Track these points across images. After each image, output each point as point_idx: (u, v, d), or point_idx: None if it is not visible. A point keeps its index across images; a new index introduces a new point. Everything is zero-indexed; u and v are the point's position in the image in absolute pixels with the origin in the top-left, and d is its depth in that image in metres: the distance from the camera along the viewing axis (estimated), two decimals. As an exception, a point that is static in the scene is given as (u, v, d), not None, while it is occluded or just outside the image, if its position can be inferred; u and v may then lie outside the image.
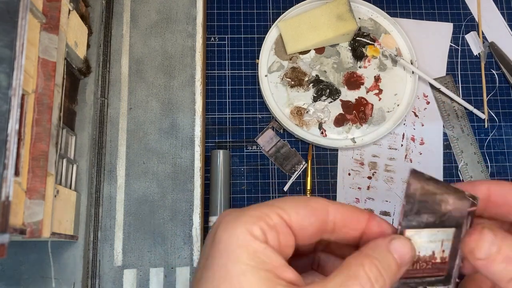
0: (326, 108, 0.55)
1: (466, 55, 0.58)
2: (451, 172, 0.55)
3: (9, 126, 0.30)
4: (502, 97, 0.57)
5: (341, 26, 0.55)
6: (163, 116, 0.51)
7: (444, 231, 0.33)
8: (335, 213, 0.30)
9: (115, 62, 0.53)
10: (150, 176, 0.50)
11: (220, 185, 0.52)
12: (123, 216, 0.49)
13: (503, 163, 0.55)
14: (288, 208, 0.29)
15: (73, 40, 0.45)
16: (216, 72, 0.57)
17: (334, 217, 0.30)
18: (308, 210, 0.29)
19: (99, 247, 0.48)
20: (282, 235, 0.28)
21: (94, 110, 0.49)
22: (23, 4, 0.33)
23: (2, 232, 0.29)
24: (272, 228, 0.28)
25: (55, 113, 0.39)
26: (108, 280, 0.47)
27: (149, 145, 0.51)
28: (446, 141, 0.56)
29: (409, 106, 0.55)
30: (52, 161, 0.38)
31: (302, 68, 0.56)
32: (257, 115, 0.56)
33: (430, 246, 0.33)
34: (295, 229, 0.29)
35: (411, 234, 0.33)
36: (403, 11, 0.60)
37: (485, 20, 0.59)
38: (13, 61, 0.31)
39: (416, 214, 0.33)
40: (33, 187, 0.35)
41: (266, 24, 0.58)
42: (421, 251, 0.33)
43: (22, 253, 0.44)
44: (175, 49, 0.53)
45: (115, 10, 0.54)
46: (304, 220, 0.29)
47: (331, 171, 0.54)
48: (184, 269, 0.47)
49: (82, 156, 0.47)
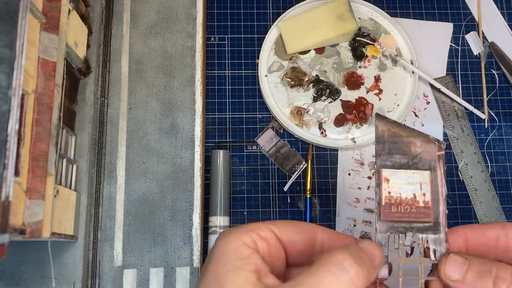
0: (326, 108, 0.55)
1: (466, 55, 0.58)
2: (451, 172, 0.55)
3: (9, 126, 0.30)
4: (502, 97, 0.57)
5: (341, 26, 0.55)
6: (163, 116, 0.51)
7: (420, 173, 0.36)
8: (323, 235, 0.32)
9: (115, 62, 0.53)
10: (150, 176, 0.50)
11: (220, 185, 0.52)
12: (123, 216, 0.49)
13: (503, 163, 0.55)
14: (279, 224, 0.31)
15: (73, 40, 0.45)
16: (216, 72, 0.57)
17: (322, 238, 0.32)
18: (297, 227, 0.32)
19: (99, 247, 0.48)
20: (273, 248, 0.30)
21: (94, 110, 0.49)
22: (23, 4, 0.33)
23: (2, 232, 0.29)
24: (263, 239, 0.30)
25: (55, 113, 0.39)
26: (108, 280, 0.47)
27: (149, 145, 0.51)
28: (446, 141, 0.56)
29: (409, 106, 0.55)
30: (52, 161, 0.38)
31: (302, 68, 0.56)
32: (257, 115, 0.56)
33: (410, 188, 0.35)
34: (285, 244, 0.31)
35: (388, 174, 0.35)
36: (403, 11, 0.60)
37: (485, 20, 0.59)
38: (13, 61, 0.31)
39: (389, 154, 0.36)
40: (33, 187, 0.35)
41: (266, 24, 0.58)
42: (402, 193, 0.35)
43: (22, 253, 0.44)
44: (175, 49, 0.53)
45: (115, 10, 0.54)
46: (293, 236, 0.31)
47: (331, 171, 0.54)
48: (184, 269, 0.47)
49: (82, 156, 0.47)
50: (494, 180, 0.54)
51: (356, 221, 0.52)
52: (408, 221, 0.35)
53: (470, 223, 0.53)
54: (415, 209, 0.35)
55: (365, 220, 0.52)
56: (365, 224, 0.52)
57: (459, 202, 0.54)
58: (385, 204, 0.35)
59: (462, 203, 0.54)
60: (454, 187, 0.54)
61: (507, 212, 0.53)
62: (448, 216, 0.53)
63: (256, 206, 0.53)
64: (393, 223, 0.35)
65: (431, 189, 0.36)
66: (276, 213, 0.53)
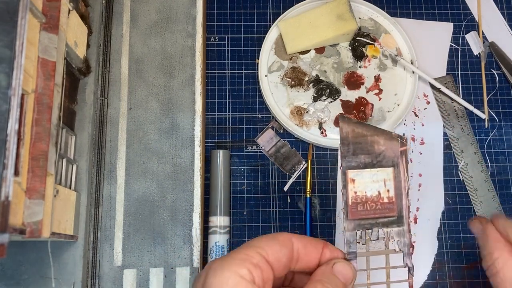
0: (326, 108, 0.55)
1: (466, 55, 0.58)
2: (451, 172, 0.55)
3: (9, 126, 0.30)
4: (502, 97, 0.57)
5: (341, 26, 0.55)
6: (163, 116, 0.51)
7: (384, 171, 0.38)
8: (298, 242, 0.34)
9: (115, 62, 0.52)
10: (150, 176, 0.50)
11: (220, 185, 0.52)
12: (123, 216, 0.49)
13: (503, 163, 0.55)
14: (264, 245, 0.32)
15: (73, 40, 0.44)
16: (216, 72, 0.57)
17: (297, 246, 0.34)
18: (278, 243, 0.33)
19: (99, 247, 0.48)
20: (264, 272, 0.31)
21: (94, 110, 0.49)
22: (23, 4, 0.33)
23: (2, 232, 0.29)
24: (256, 267, 0.31)
25: (55, 113, 0.39)
26: (108, 280, 0.47)
27: (149, 145, 0.51)
28: (446, 141, 0.55)
29: (409, 105, 0.55)
30: (52, 161, 0.38)
31: (302, 68, 0.56)
32: (257, 115, 0.56)
33: (374, 186, 0.37)
34: (272, 263, 0.32)
35: (353, 174, 0.37)
36: (403, 11, 0.60)
37: (485, 20, 0.59)
38: (13, 61, 0.31)
39: (354, 155, 0.37)
40: (32, 187, 0.35)
41: (266, 24, 0.58)
42: (367, 191, 0.37)
43: (22, 253, 0.44)
44: (175, 49, 0.53)
45: (115, 10, 0.54)
46: (278, 253, 0.32)
47: (331, 171, 0.54)
48: (184, 269, 0.47)
49: (82, 156, 0.47)
50: (494, 180, 0.54)
51: (356, 221, 0.52)
52: (374, 218, 0.37)
53: (470, 223, 0.53)
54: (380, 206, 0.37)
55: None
56: (365, 224, 0.52)
57: (459, 202, 0.54)
58: (351, 204, 0.37)
59: (462, 203, 0.54)
60: (454, 187, 0.54)
61: (507, 212, 0.53)
62: (448, 216, 0.53)
63: (256, 206, 0.53)
64: (359, 221, 0.37)
65: (395, 185, 0.38)
66: (276, 213, 0.53)
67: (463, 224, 0.53)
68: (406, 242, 0.37)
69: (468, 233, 0.53)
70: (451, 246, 0.52)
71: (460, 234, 0.53)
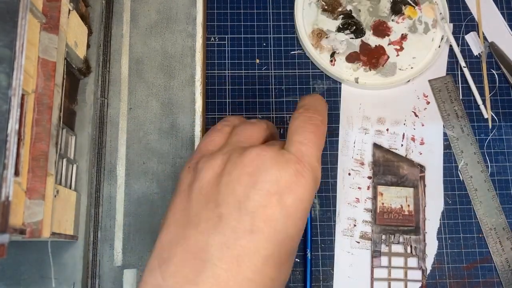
0: (346, 41, 0.57)
1: (466, 55, 0.58)
2: (451, 172, 0.55)
3: (9, 126, 0.30)
4: (502, 97, 0.57)
5: None
6: (163, 116, 0.52)
7: (406, 190, 0.50)
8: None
9: (115, 62, 0.53)
10: (150, 176, 0.50)
11: (220, 185, 0.52)
12: (123, 216, 0.49)
13: (503, 163, 0.55)
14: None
15: (73, 40, 0.45)
16: (216, 72, 0.57)
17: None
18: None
19: (99, 247, 0.48)
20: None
21: (94, 110, 0.49)
22: (23, 4, 0.33)
23: (2, 232, 0.29)
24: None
25: (55, 113, 0.39)
26: (108, 280, 0.47)
27: (149, 145, 0.51)
28: (446, 141, 0.56)
29: (421, 72, 0.56)
30: (52, 161, 0.38)
31: (340, -1, 0.59)
32: (257, 115, 0.56)
33: (398, 200, 0.49)
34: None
35: (382, 189, 0.50)
36: (403, 11, 0.60)
37: (485, 20, 0.59)
38: (13, 61, 0.31)
39: (383, 174, 0.50)
40: (33, 187, 0.35)
41: (266, 24, 0.58)
42: (392, 204, 0.49)
43: (22, 253, 0.44)
44: (175, 49, 0.53)
45: (115, 10, 0.54)
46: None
47: (331, 171, 0.54)
48: (184, 269, 0.47)
49: (82, 156, 0.47)
50: (494, 180, 0.54)
51: (356, 221, 0.52)
52: (396, 225, 0.49)
53: (470, 223, 0.53)
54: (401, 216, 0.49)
55: (365, 220, 0.52)
56: (365, 224, 0.52)
57: (459, 202, 0.54)
58: (379, 212, 0.49)
59: (462, 203, 0.54)
60: (454, 187, 0.54)
61: (507, 212, 0.53)
62: (448, 216, 0.53)
63: (256, 206, 0.53)
64: (385, 226, 0.49)
65: (414, 202, 0.50)
66: (276, 213, 0.53)
67: (463, 224, 0.53)
68: (421, 248, 0.49)
69: (468, 233, 0.53)
70: (451, 246, 0.52)
71: (460, 234, 0.53)
